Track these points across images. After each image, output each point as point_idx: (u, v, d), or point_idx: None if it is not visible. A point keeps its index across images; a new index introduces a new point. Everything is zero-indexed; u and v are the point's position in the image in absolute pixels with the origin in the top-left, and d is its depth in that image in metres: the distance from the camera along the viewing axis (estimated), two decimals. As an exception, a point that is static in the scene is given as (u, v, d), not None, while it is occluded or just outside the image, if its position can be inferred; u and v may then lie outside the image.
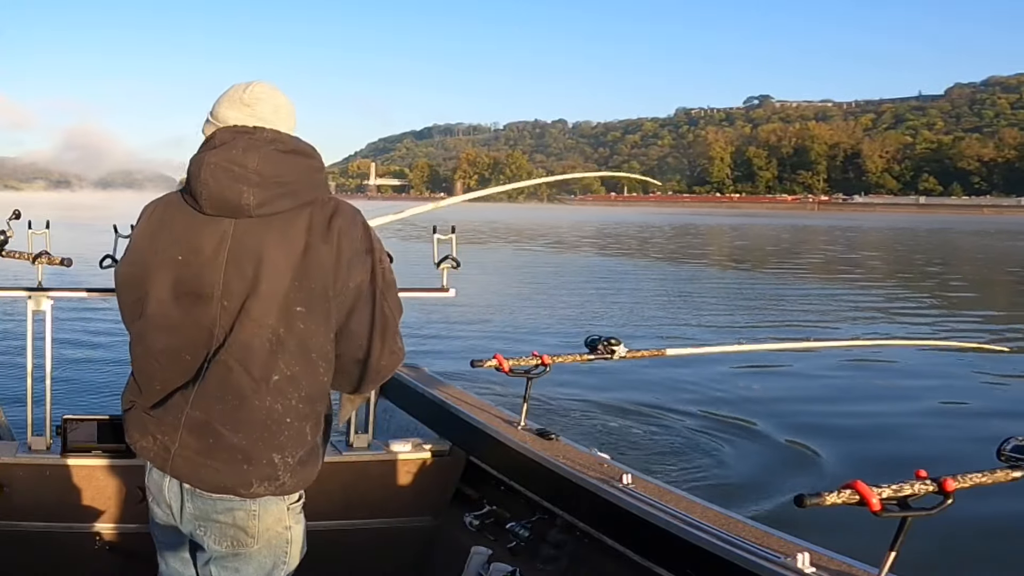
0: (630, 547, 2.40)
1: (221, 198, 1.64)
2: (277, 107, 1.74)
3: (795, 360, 9.56)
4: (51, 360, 2.91)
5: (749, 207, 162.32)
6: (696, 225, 67.65)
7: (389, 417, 3.76)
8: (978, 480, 1.67)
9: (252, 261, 1.62)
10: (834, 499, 1.54)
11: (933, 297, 18.77)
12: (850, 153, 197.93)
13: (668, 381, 8.24)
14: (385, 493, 3.11)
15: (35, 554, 2.82)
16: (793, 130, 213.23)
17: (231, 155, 1.64)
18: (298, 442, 1.69)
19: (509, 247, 26.72)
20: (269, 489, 1.67)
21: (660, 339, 11.15)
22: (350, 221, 1.70)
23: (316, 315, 1.64)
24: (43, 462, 2.78)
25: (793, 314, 15.04)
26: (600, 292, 17.01)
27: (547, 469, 2.70)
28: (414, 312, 11.68)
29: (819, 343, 10.32)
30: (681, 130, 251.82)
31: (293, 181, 1.66)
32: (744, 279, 22.35)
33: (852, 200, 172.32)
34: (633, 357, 3.27)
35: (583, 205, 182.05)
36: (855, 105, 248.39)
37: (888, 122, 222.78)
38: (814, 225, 74.45)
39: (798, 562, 1.90)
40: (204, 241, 1.65)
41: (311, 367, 1.66)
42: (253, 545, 1.71)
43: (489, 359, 3.00)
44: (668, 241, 42.30)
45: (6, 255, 3.21)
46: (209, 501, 1.69)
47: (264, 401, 1.63)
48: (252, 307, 1.62)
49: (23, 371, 2.90)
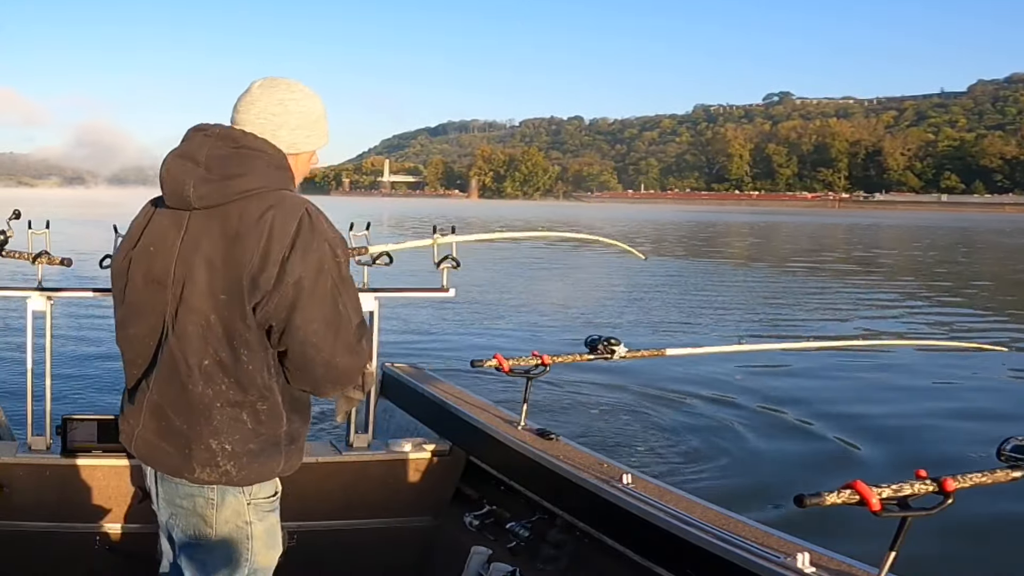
0: (630, 547, 2.40)
1: (173, 191, 1.73)
2: (255, 102, 1.78)
3: (795, 360, 9.56)
4: (51, 360, 2.91)
5: (768, 205, 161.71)
6: (714, 224, 67.25)
7: (389, 417, 3.76)
8: (978, 480, 1.67)
9: (194, 251, 1.69)
10: (834, 499, 1.54)
11: (946, 296, 18.77)
12: (871, 150, 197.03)
13: (668, 381, 8.24)
14: (385, 493, 3.11)
15: (35, 554, 2.82)
16: (813, 127, 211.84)
17: (184, 150, 1.74)
18: (235, 429, 1.72)
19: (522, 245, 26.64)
20: (213, 475, 1.72)
21: (662, 336, 11.17)
22: (287, 214, 1.68)
23: (235, 303, 1.67)
24: (43, 462, 2.78)
25: (796, 313, 15.04)
26: (601, 291, 17.01)
27: (547, 469, 2.71)
28: (414, 312, 11.68)
29: (819, 343, 10.33)
30: (699, 127, 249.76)
31: (239, 175, 1.70)
32: (752, 276, 22.36)
33: (873, 198, 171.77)
34: (633, 357, 3.27)
35: (600, 203, 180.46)
36: (876, 102, 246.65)
37: (910, 119, 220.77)
38: (834, 223, 73.71)
39: (798, 562, 1.90)
40: (168, 232, 1.74)
41: (235, 353, 1.69)
42: (212, 536, 1.77)
43: (489, 359, 3.00)
44: (679, 240, 42.29)
45: (6, 255, 3.21)
46: (172, 485, 1.78)
47: (197, 386, 1.70)
48: (189, 294, 1.69)
49: (23, 371, 2.90)
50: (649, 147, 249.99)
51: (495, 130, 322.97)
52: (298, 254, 1.65)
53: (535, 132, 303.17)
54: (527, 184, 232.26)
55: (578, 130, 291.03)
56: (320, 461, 3.00)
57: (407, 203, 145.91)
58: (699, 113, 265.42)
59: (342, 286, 1.72)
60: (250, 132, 1.76)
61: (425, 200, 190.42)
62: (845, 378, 8.95)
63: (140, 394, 1.79)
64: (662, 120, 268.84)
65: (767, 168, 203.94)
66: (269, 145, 1.76)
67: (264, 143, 1.76)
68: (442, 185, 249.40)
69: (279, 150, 1.78)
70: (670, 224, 60.84)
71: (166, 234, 1.74)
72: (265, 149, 1.75)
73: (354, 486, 3.07)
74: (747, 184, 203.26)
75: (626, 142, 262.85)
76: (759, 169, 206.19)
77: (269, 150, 1.76)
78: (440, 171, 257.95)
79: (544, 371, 3.03)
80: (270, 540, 1.84)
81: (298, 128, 1.80)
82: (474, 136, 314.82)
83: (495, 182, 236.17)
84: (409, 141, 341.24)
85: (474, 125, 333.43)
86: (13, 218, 3.19)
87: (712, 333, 12.05)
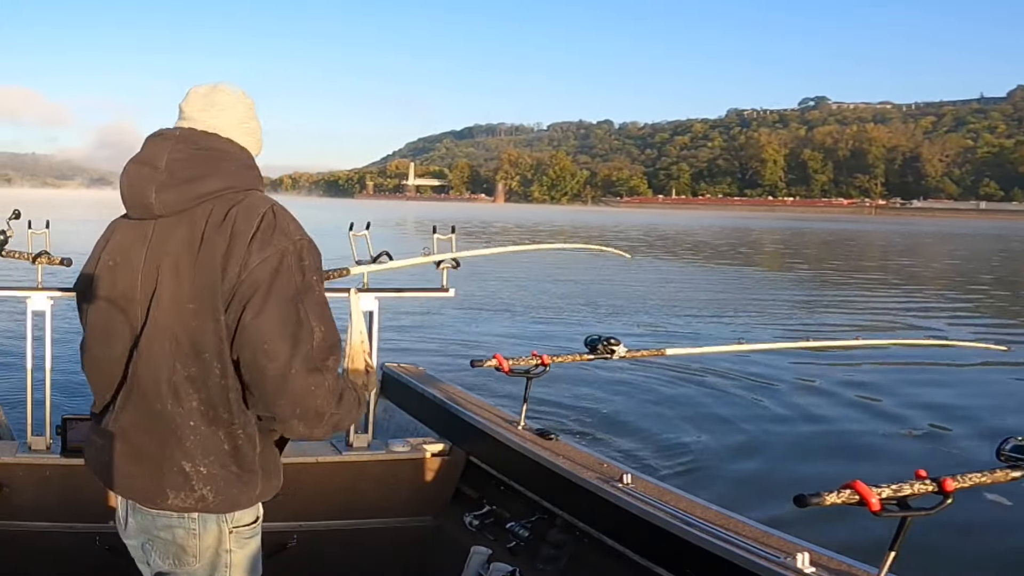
0: (630, 547, 2.40)
1: (134, 200, 1.64)
2: (205, 107, 1.69)
3: (794, 360, 9.55)
4: (51, 360, 2.91)
5: (803, 211, 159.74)
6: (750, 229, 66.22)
7: (389, 417, 3.76)
8: (978, 480, 1.67)
9: (159, 261, 1.59)
10: (834, 499, 1.54)
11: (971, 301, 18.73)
12: (909, 156, 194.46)
13: (668, 381, 8.24)
14: (385, 493, 3.11)
15: (35, 554, 2.82)
16: (850, 132, 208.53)
17: (143, 156, 1.65)
18: (210, 450, 1.59)
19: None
20: (188, 501, 1.59)
21: (660, 336, 11.16)
22: (250, 211, 1.58)
23: (205, 312, 1.54)
24: (43, 462, 2.78)
25: (800, 315, 15.04)
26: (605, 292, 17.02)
27: (547, 469, 2.71)
28: (414, 312, 11.67)
29: (819, 343, 10.32)
30: (732, 132, 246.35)
31: (199, 176, 1.61)
32: (763, 280, 22.36)
33: (911, 205, 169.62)
34: (633, 357, 3.27)
35: (629, 208, 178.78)
36: (915, 107, 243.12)
37: (948, 125, 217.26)
38: (870, 230, 71.99)
39: (798, 562, 1.90)
40: (132, 246, 1.65)
41: (206, 368, 1.56)
42: (195, 564, 1.65)
43: (489, 359, 3.00)
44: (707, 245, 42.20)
45: (6, 255, 3.21)
46: (148, 516, 1.65)
47: (167, 404, 1.58)
48: (155, 308, 1.58)
49: (23, 371, 2.90)
50: (680, 152, 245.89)
51: (522, 134, 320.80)
52: (255, 247, 1.53)
53: (563, 136, 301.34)
54: (554, 189, 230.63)
55: (607, 134, 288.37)
56: (320, 461, 3.00)
57: (432, 206, 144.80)
58: (732, 117, 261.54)
59: (306, 293, 1.55)
60: (212, 132, 1.67)
61: (450, 204, 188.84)
62: (845, 378, 8.95)
63: (107, 417, 1.67)
64: (694, 124, 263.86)
65: (802, 174, 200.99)
66: (234, 145, 1.68)
67: (228, 143, 1.67)
68: (468, 189, 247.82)
69: (245, 149, 1.70)
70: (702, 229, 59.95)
71: (130, 248, 1.64)
72: (230, 149, 1.67)
73: (354, 486, 3.06)
74: (781, 190, 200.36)
75: (657, 147, 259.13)
76: (794, 175, 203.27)
77: (234, 150, 1.68)
78: (466, 175, 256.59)
79: (544, 371, 3.03)
80: (250, 568, 1.72)
81: (257, 130, 1.76)
82: (501, 140, 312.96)
83: (522, 186, 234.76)
84: (434, 144, 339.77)
85: (501, 128, 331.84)
86: (13, 218, 3.19)
87: (712, 333, 12.06)
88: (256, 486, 1.65)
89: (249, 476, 1.63)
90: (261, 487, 1.66)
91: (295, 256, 1.55)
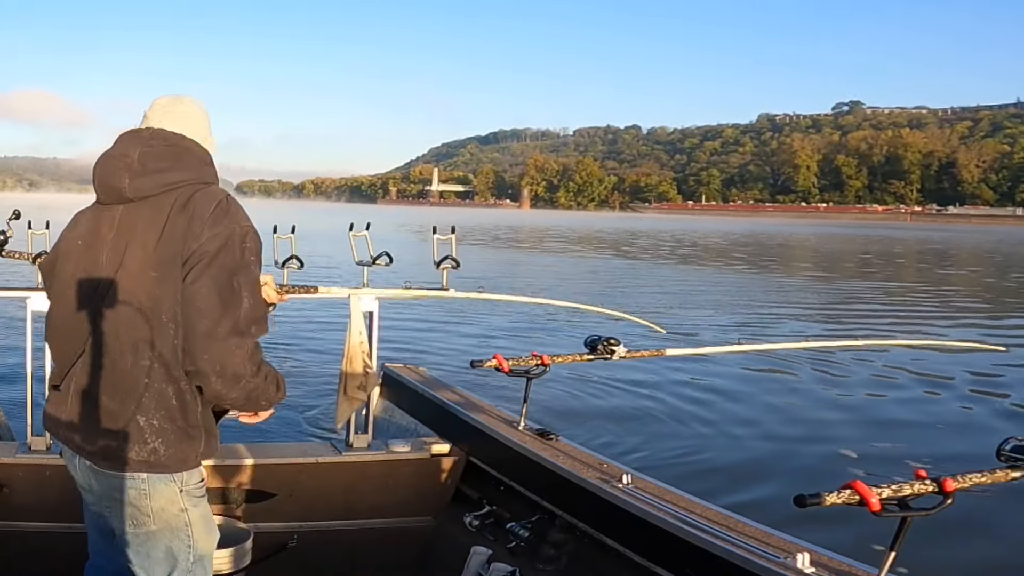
0: (630, 547, 2.40)
1: (107, 185, 1.86)
2: (169, 112, 1.93)
3: (794, 360, 9.56)
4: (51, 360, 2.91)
5: (837, 217, 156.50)
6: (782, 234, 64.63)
7: (389, 417, 3.76)
8: (978, 480, 1.67)
9: (126, 237, 1.81)
10: (834, 499, 1.54)
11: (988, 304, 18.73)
12: (945, 162, 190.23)
13: (668, 381, 8.24)
14: (385, 493, 3.11)
15: (35, 554, 2.82)
16: (885, 137, 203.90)
17: (117, 150, 1.88)
18: (161, 405, 1.76)
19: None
20: (142, 453, 1.75)
21: (660, 336, 11.14)
22: (208, 198, 1.81)
23: (167, 280, 1.74)
24: (43, 462, 2.78)
25: (801, 316, 15.04)
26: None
27: (547, 469, 2.71)
28: (415, 312, 11.67)
29: (819, 343, 10.33)
30: (764, 137, 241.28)
31: (167, 168, 1.84)
32: (778, 282, 22.35)
33: (946, 211, 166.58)
34: (633, 357, 3.28)
35: (657, 214, 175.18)
36: (951, 112, 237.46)
37: (985, 130, 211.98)
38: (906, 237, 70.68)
39: (798, 562, 1.90)
40: (100, 227, 1.86)
41: (163, 329, 1.74)
42: (151, 525, 1.80)
43: (489, 359, 3.00)
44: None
45: (6, 255, 3.22)
46: (103, 477, 1.82)
47: (126, 363, 1.76)
48: (121, 278, 1.78)
49: (23, 371, 2.90)
50: (711, 157, 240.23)
51: (548, 139, 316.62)
52: (208, 226, 1.76)
53: (590, 141, 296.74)
54: (581, 194, 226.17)
55: (635, 139, 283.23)
56: (320, 462, 2.99)
57: (457, 212, 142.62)
58: (763, 122, 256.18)
59: (243, 268, 1.77)
60: (178, 133, 1.90)
61: (475, 209, 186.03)
62: (845, 378, 8.95)
63: (67, 381, 1.84)
64: (724, 129, 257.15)
65: (836, 180, 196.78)
66: (196, 144, 1.93)
67: (192, 143, 1.92)
68: (492, 195, 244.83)
69: (205, 149, 1.95)
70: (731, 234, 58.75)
71: (97, 229, 1.85)
72: (192, 148, 1.91)
73: (354, 487, 3.06)
74: (814, 196, 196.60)
75: (686, 152, 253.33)
76: (827, 180, 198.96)
77: (196, 149, 1.92)
78: (491, 180, 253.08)
79: (544, 371, 3.03)
80: (207, 525, 1.89)
81: (210, 136, 1.99)
82: (526, 145, 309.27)
83: (548, 192, 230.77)
84: (458, 150, 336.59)
85: (526, 134, 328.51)
86: (13, 218, 3.19)
87: (714, 332, 12.05)
88: (200, 442, 1.83)
89: (195, 431, 1.81)
90: (204, 445, 1.84)
91: (239, 237, 1.78)
